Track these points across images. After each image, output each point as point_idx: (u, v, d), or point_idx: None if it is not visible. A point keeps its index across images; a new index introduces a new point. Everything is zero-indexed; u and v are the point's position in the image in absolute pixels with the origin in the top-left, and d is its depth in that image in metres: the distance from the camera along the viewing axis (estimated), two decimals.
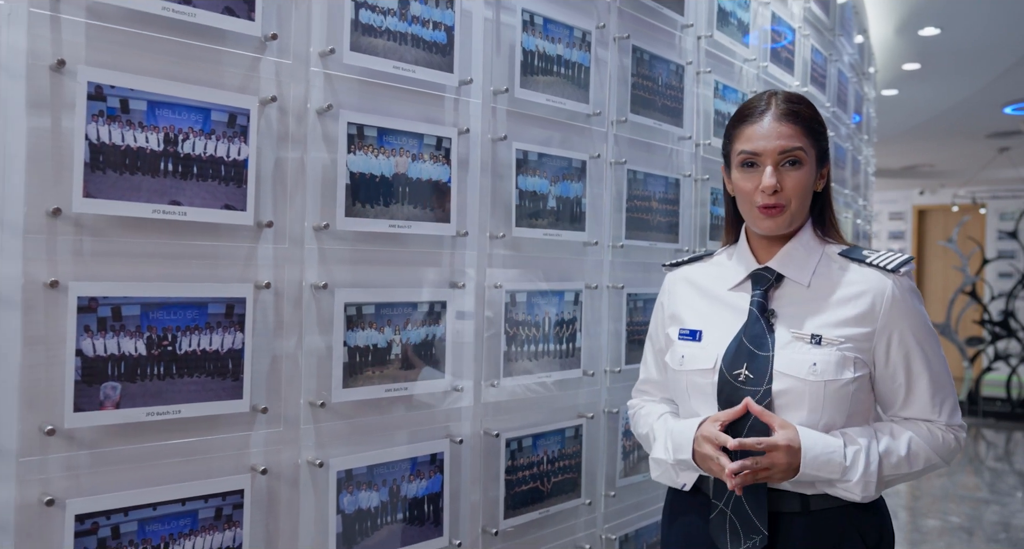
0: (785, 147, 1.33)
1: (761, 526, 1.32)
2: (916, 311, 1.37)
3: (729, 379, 1.35)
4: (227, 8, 1.27)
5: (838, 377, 1.31)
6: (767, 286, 1.40)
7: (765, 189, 1.33)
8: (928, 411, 1.37)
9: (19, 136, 1.10)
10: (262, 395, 1.33)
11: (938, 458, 1.37)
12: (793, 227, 1.39)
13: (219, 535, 1.29)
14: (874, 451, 1.31)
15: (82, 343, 1.15)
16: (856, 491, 1.30)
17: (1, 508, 1.09)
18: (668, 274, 1.58)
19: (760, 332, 1.36)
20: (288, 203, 1.37)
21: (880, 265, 1.36)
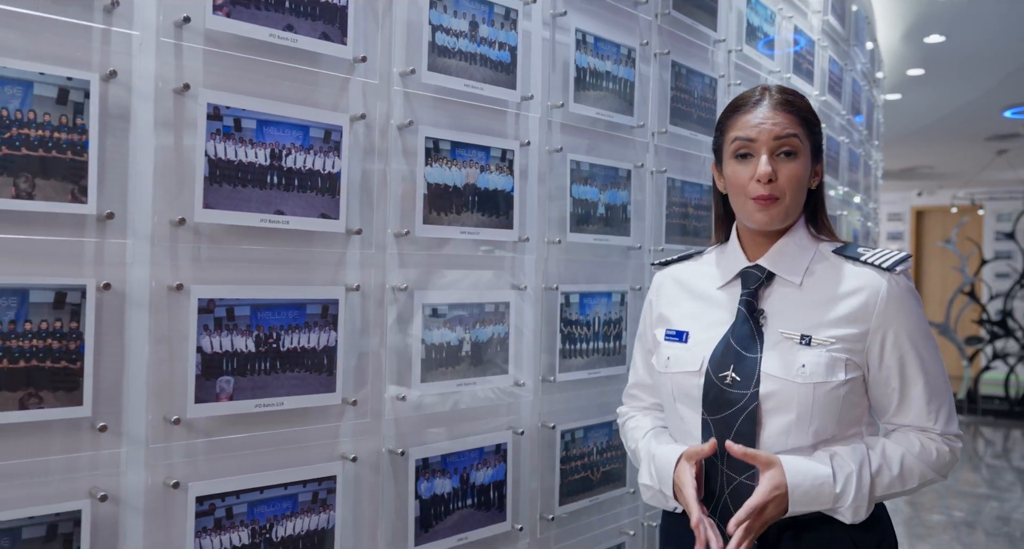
0: (781, 133, 1.28)
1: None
2: (912, 311, 1.30)
3: (715, 381, 1.30)
4: (323, 33, 1.39)
5: (828, 379, 1.25)
6: (757, 284, 1.34)
7: (760, 177, 1.27)
8: (923, 418, 1.30)
9: (147, 153, 1.22)
10: (351, 389, 1.45)
11: (933, 473, 1.30)
12: (787, 222, 1.33)
13: (315, 517, 1.40)
14: (866, 474, 1.25)
15: (201, 341, 1.26)
16: (847, 515, 1.24)
17: (132, 490, 1.21)
18: (656, 273, 1.53)
19: (748, 333, 1.31)
20: (373, 212, 1.48)
21: (875, 263, 1.30)
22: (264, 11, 1.31)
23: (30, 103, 1.10)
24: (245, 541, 1.31)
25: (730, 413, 1.28)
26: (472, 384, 1.63)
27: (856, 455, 1.26)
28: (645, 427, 1.46)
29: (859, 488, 1.23)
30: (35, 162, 1.10)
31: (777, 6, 2.67)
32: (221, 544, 1.29)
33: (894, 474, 1.27)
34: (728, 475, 1.28)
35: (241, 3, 1.28)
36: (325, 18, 1.38)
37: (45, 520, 1.12)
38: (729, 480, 1.28)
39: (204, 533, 1.27)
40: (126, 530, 1.20)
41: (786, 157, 1.29)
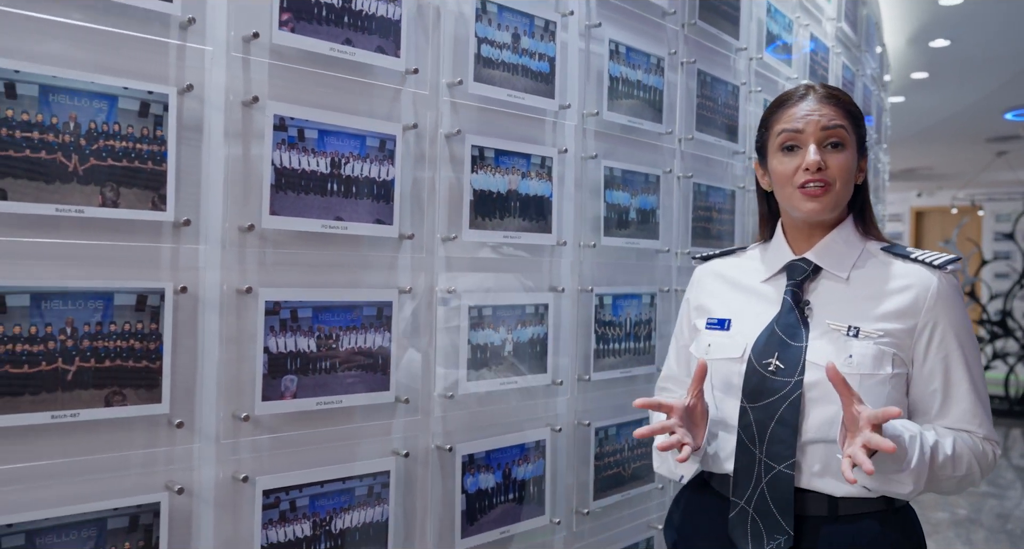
0: (828, 124, 1.28)
1: (787, 526, 1.24)
2: (960, 311, 1.29)
3: (758, 368, 1.28)
4: (379, 47, 1.45)
5: (876, 372, 1.24)
6: (803, 277, 1.33)
7: (809, 165, 1.27)
8: (967, 420, 1.27)
9: (218, 162, 1.28)
10: (403, 387, 1.51)
11: (978, 467, 1.27)
12: (835, 212, 1.32)
13: (371, 510, 1.46)
14: (927, 441, 1.21)
15: (268, 341, 1.32)
16: (908, 482, 1.19)
17: (205, 484, 1.27)
18: (698, 267, 1.53)
19: (794, 322, 1.30)
20: (424, 217, 1.54)
21: (926, 261, 1.29)
22: (325, 26, 1.37)
23: (115, 116, 1.16)
24: (307, 533, 1.37)
25: (772, 400, 1.26)
26: (514, 383, 1.69)
27: (914, 425, 1.23)
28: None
29: (921, 453, 1.19)
30: (119, 172, 1.16)
31: (795, 14, 2.73)
32: (285, 536, 1.35)
33: (948, 453, 1.23)
34: (767, 464, 1.26)
35: (304, 19, 1.34)
36: (380, 32, 1.44)
37: (127, 511, 1.18)
38: (768, 469, 1.26)
39: (270, 525, 1.33)
40: (199, 522, 1.26)
41: (833, 148, 1.29)
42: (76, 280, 1.13)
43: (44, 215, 1.10)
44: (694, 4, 2.15)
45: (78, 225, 1.14)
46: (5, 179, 1.07)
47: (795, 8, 2.76)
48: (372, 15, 1.43)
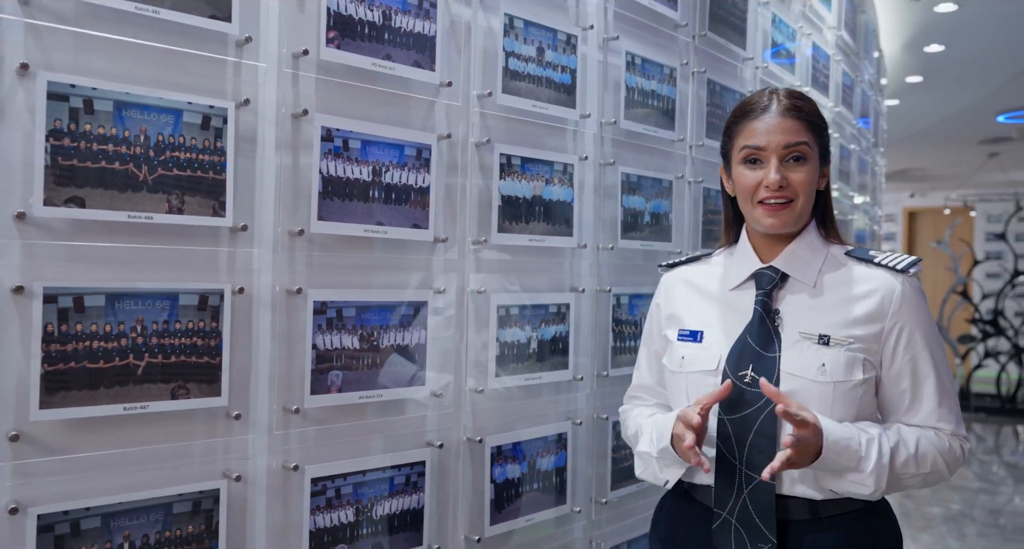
0: (790, 141, 1.29)
1: (769, 534, 1.26)
2: (925, 313, 1.32)
3: (734, 380, 1.29)
4: (416, 61, 1.53)
5: (848, 378, 1.27)
6: (771, 286, 1.34)
7: (770, 184, 1.28)
8: (935, 418, 1.31)
9: (271, 171, 1.36)
10: (437, 382, 1.60)
11: (943, 464, 1.30)
12: (798, 225, 1.34)
13: (408, 498, 1.55)
14: (885, 443, 1.25)
15: (316, 339, 1.41)
16: (869, 483, 1.23)
17: (258, 472, 1.36)
18: (665, 275, 1.53)
19: (766, 332, 1.31)
20: (456, 222, 1.63)
21: (889, 265, 1.32)
22: (367, 43, 1.46)
23: (180, 129, 1.24)
24: (351, 519, 1.46)
25: (750, 412, 1.27)
26: (538, 378, 1.78)
27: (876, 428, 1.27)
28: (651, 412, 1.45)
29: (880, 455, 1.23)
30: (184, 181, 1.25)
31: (797, 24, 2.83)
32: (331, 521, 1.44)
33: (911, 452, 1.26)
34: (747, 475, 1.28)
35: (348, 36, 1.43)
36: (417, 48, 1.53)
37: (191, 497, 1.27)
38: (748, 480, 1.28)
39: (317, 511, 1.42)
40: (254, 507, 1.35)
41: (795, 162, 1.30)
42: (145, 282, 1.22)
43: (117, 221, 1.19)
44: (704, 16, 2.24)
45: (147, 231, 1.22)
46: (84, 188, 1.15)
47: (798, 18, 2.86)
48: (410, 32, 1.52)
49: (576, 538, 1.90)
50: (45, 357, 1.13)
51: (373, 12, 1.46)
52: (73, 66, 1.15)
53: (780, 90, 1.36)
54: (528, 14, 1.72)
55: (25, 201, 1.11)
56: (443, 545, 1.61)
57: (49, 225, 1.14)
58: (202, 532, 1.28)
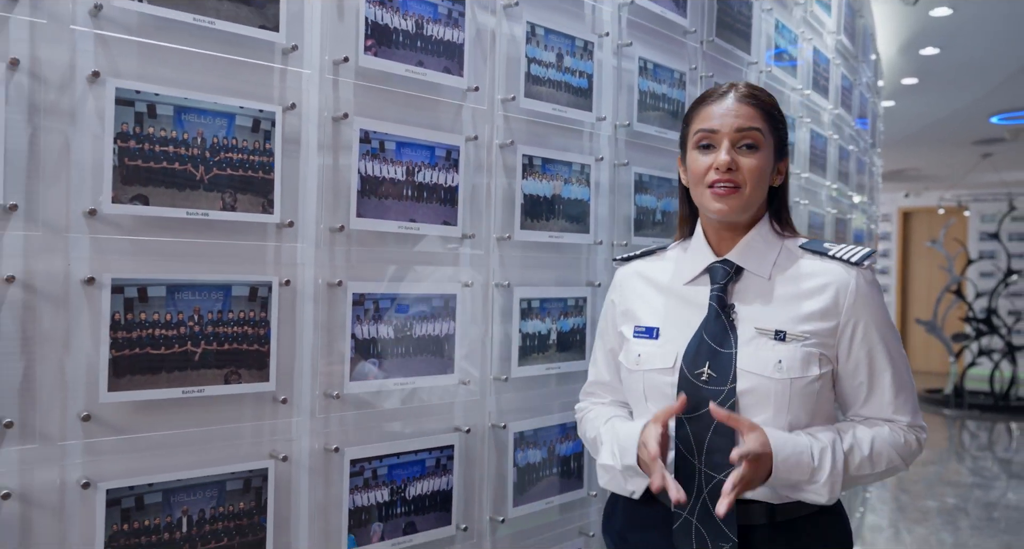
0: (743, 125, 1.29)
1: (730, 533, 1.25)
2: (880, 305, 1.32)
3: (691, 378, 1.28)
4: (445, 68, 1.63)
5: (804, 374, 1.26)
6: (726, 279, 1.33)
7: (720, 165, 1.28)
8: (891, 410, 1.32)
9: (312, 171, 1.45)
10: (464, 371, 1.69)
11: (899, 459, 1.31)
12: (747, 214, 1.33)
13: (438, 480, 1.64)
14: (839, 450, 1.26)
15: (355, 329, 1.50)
16: (824, 493, 1.24)
17: (302, 453, 1.45)
18: (619, 269, 1.52)
19: (721, 328, 1.30)
20: (481, 219, 1.72)
21: (843, 258, 1.31)
22: (401, 50, 1.55)
23: (233, 132, 1.33)
24: (386, 498, 1.55)
25: (708, 411, 1.25)
26: (558, 368, 1.88)
27: (829, 434, 1.27)
28: (607, 415, 1.44)
29: (834, 463, 1.24)
30: (237, 180, 1.34)
31: (799, 29, 2.93)
32: (368, 500, 1.53)
33: (865, 454, 1.27)
34: (707, 474, 1.27)
35: (384, 44, 1.52)
36: (447, 54, 1.62)
37: (242, 476, 1.36)
38: (708, 479, 1.27)
39: (356, 491, 1.50)
40: (298, 486, 1.44)
41: (747, 149, 1.30)
42: (202, 274, 1.31)
43: (177, 218, 1.28)
44: (712, 23, 2.34)
45: (204, 226, 1.31)
46: (147, 187, 1.24)
47: (800, 23, 2.96)
48: (440, 40, 1.61)
49: (592, 521, 2.00)
50: (113, 343, 1.22)
51: (407, 21, 1.55)
52: (138, 73, 1.24)
53: (741, 82, 1.37)
54: (548, 22, 1.81)
55: (95, 199, 1.20)
56: (470, 525, 1.70)
57: (116, 221, 1.23)
58: (252, 508, 1.37)
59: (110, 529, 1.22)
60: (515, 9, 1.75)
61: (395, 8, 1.53)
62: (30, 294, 1.16)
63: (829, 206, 3.38)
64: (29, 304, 1.16)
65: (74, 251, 1.19)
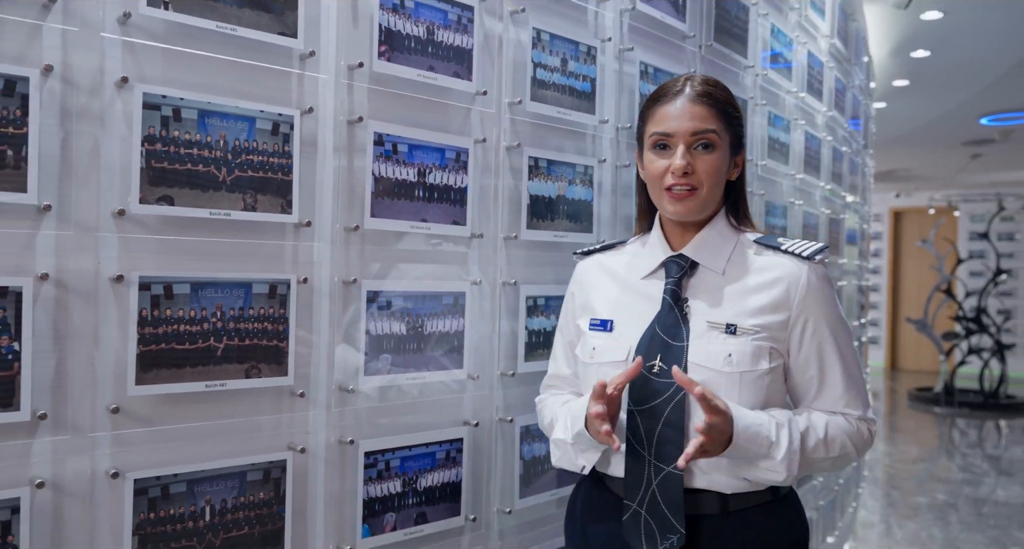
0: (698, 128, 1.30)
1: (678, 525, 1.27)
2: (831, 300, 1.33)
3: (643, 371, 1.30)
4: (455, 72, 1.68)
5: (754, 368, 1.28)
6: (681, 274, 1.35)
7: (675, 170, 1.29)
8: (841, 404, 1.33)
9: (328, 173, 1.50)
10: (473, 366, 1.74)
11: (852, 447, 1.33)
12: (705, 213, 1.35)
13: (448, 472, 1.69)
14: (795, 429, 1.28)
15: (368, 325, 1.55)
16: (781, 469, 1.25)
17: (319, 445, 1.49)
18: (579, 262, 1.54)
19: (674, 322, 1.32)
20: (489, 219, 1.78)
21: (795, 252, 1.32)
22: (413, 55, 1.60)
23: (254, 135, 1.38)
24: (398, 490, 1.60)
25: (658, 403, 1.28)
26: None
27: (786, 414, 1.30)
28: (564, 400, 1.48)
29: (790, 441, 1.25)
30: (257, 182, 1.39)
31: (794, 33, 2.99)
32: (381, 491, 1.58)
33: (820, 436, 1.29)
34: (656, 466, 1.30)
35: (397, 49, 1.57)
36: (457, 60, 1.67)
37: (261, 466, 1.41)
38: (657, 470, 1.30)
39: (369, 482, 1.56)
40: (315, 477, 1.49)
41: (703, 150, 1.31)
42: (224, 272, 1.35)
43: (200, 218, 1.33)
44: (710, 27, 2.40)
45: (226, 226, 1.36)
46: (172, 188, 1.29)
47: (795, 27, 3.02)
48: (450, 45, 1.66)
49: None
50: (140, 339, 1.26)
51: (418, 27, 1.60)
52: (163, 79, 1.29)
53: (696, 76, 1.38)
54: (553, 28, 1.87)
55: (124, 199, 1.25)
56: (479, 516, 1.75)
57: (143, 221, 1.27)
58: (271, 498, 1.42)
59: (137, 517, 1.27)
60: (522, 15, 1.80)
61: (407, 15, 1.58)
62: (62, 291, 1.20)
63: (823, 206, 3.44)
64: (61, 301, 1.20)
65: (103, 250, 1.24)
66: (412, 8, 1.59)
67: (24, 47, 1.17)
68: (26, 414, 1.16)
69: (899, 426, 8.28)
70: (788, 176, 2.99)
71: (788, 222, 2.96)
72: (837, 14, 3.50)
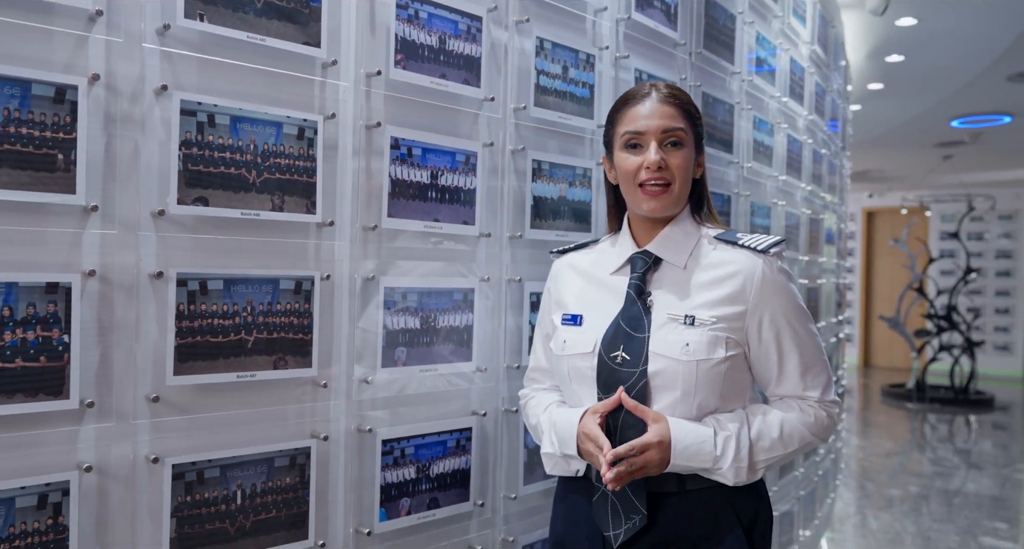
0: (668, 126, 1.38)
1: (640, 506, 1.35)
2: (786, 290, 1.39)
3: (607, 361, 1.37)
4: (465, 80, 1.76)
5: (710, 356, 1.33)
6: (645, 269, 1.42)
7: (650, 165, 1.36)
8: (800, 388, 1.40)
9: (348, 175, 1.58)
10: (482, 359, 1.83)
11: (812, 436, 1.39)
12: (677, 208, 1.42)
13: (458, 459, 1.78)
14: (744, 437, 1.34)
15: (386, 320, 1.63)
16: (728, 476, 1.33)
17: (340, 433, 1.58)
18: (555, 261, 1.62)
19: (637, 314, 1.38)
20: (496, 219, 1.87)
21: (751, 246, 1.39)
22: (426, 64, 1.69)
23: (281, 139, 1.46)
24: (413, 476, 1.69)
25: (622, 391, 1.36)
26: None
27: (736, 420, 1.36)
28: (546, 403, 1.54)
29: (738, 450, 1.33)
30: (284, 183, 1.47)
31: (777, 40, 3.11)
32: (397, 477, 1.66)
33: (774, 436, 1.36)
34: None
35: (412, 58, 1.66)
36: (467, 68, 1.76)
37: (288, 453, 1.49)
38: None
39: (386, 468, 1.64)
40: (336, 464, 1.57)
41: (673, 147, 1.39)
42: (254, 269, 1.43)
43: (232, 218, 1.40)
44: (700, 35, 2.50)
45: (256, 226, 1.44)
46: (207, 190, 1.37)
47: (778, 35, 3.14)
48: (460, 54, 1.75)
49: None
50: (178, 332, 1.34)
51: (431, 37, 1.69)
52: (198, 86, 1.37)
53: (660, 82, 1.46)
54: (555, 37, 1.96)
55: (163, 200, 1.33)
56: (486, 501, 1.85)
57: (181, 221, 1.35)
58: (297, 483, 1.50)
59: (175, 500, 1.34)
60: (526, 25, 1.89)
61: (421, 25, 1.67)
62: (106, 286, 1.28)
63: (804, 207, 3.57)
64: (106, 296, 1.28)
65: (144, 248, 1.31)
66: (426, 19, 1.68)
67: (72, 57, 1.24)
68: (75, 402, 1.24)
69: (872, 421, 8.48)
70: (771, 178, 3.11)
71: (772, 222, 3.08)
72: (817, 21, 3.62)
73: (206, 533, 1.38)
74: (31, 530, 1.21)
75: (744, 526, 1.39)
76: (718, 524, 1.37)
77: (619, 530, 1.38)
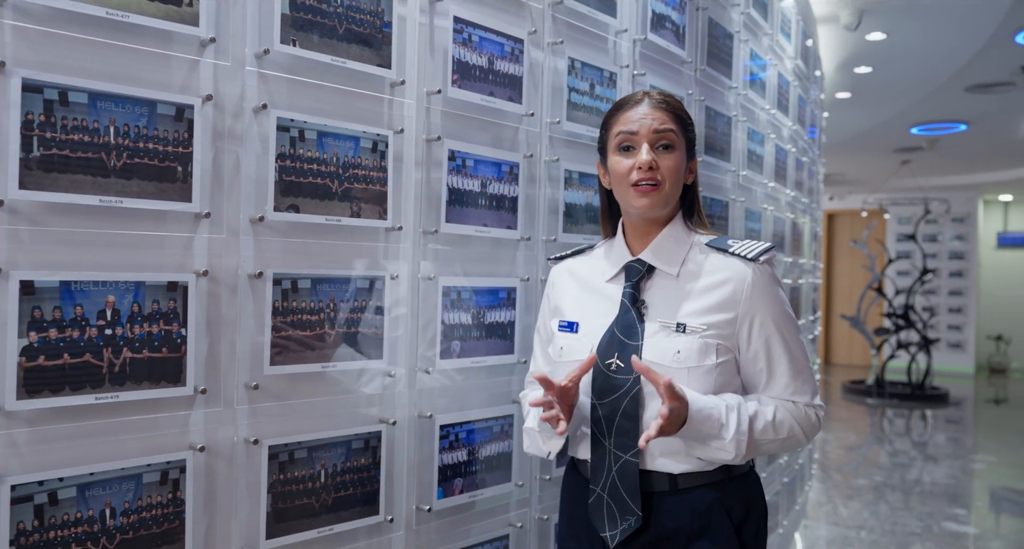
0: (660, 127, 1.42)
1: (635, 507, 1.38)
2: (776, 297, 1.41)
3: (602, 368, 1.40)
4: (509, 97, 1.93)
5: (701, 363, 1.37)
6: (639, 277, 1.45)
7: (642, 164, 1.39)
8: (789, 392, 1.43)
9: (411, 184, 1.74)
10: (522, 352, 2.00)
11: (800, 431, 1.42)
12: (667, 209, 1.45)
13: (500, 443, 1.95)
14: (744, 412, 1.37)
15: (443, 316, 1.79)
16: (731, 449, 1.35)
17: (404, 419, 1.73)
18: (553, 267, 1.67)
19: (631, 322, 1.42)
20: (533, 224, 2.04)
21: (741, 254, 1.41)
22: (478, 83, 1.85)
23: (358, 152, 1.61)
24: (464, 458, 1.85)
25: (615, 397, 1.39)
26: None
27: (736, 398, 1.40)
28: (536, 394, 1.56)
29: (739, 422, 1.36)
30: (360, 192, 1.62)
31: (767, 56, 3.33)
32: (453, 460, 1.82)
33: (768, 419, 1.39)
34: (615, 454, 1.41)
35: (466, 78, 1.82)
36: (510, 86, 1.93)
37: (362, 437, 1.64)
38: (616, 458, 1.41)
39: (443, 451, 1.80)
40: (401, 446, 1.73)
41: (664, 150, 1.43)
42: (335, 269, 1.58)
43: (318, 224, 1.55)
44: (704, 53, 2.70)
45: (337, 230, 1.59)
46: (298, 198, 1.52)
47: (767, 51, 3.35)
48: (506, 73, 1.92)
49: None
50: (274, 326, 1.49)
51: (482, 58, 1.86)
52: (289, 104, 1.51)
53: (652, 90, 1.53)
54: (584, 57, 2.14)
55: (261, 207, 1.47)
56: (525, 482, 2.02)
57: (276, 226, 1.50)
58: (370, 464, 1.65)
59: (271, 478, 1.49)
60: (560, 46, 2.07)
61: (473, 47, 1.83)
62: (214, 285, 1.42)
63: (788, 212, 3.80)
64: (214, 293, 1.42)
65: (245, 250, 1.46)
66: (477, 42, 1.84)
67: (186, 79, 1.38)
68: (189, 389, 1.38)
69: (835, 416, 8.81)
70: (762, 185, 3.32)
71: (762, 226, 3.29)
72: (800, 36, 3.86)
73: (296, 508, 1.53)
74: (155, 503, 1.35)
75: (735, 523, 1.43)
76: (710, 521, 1.41)
77: (615, 531, 1.42)
